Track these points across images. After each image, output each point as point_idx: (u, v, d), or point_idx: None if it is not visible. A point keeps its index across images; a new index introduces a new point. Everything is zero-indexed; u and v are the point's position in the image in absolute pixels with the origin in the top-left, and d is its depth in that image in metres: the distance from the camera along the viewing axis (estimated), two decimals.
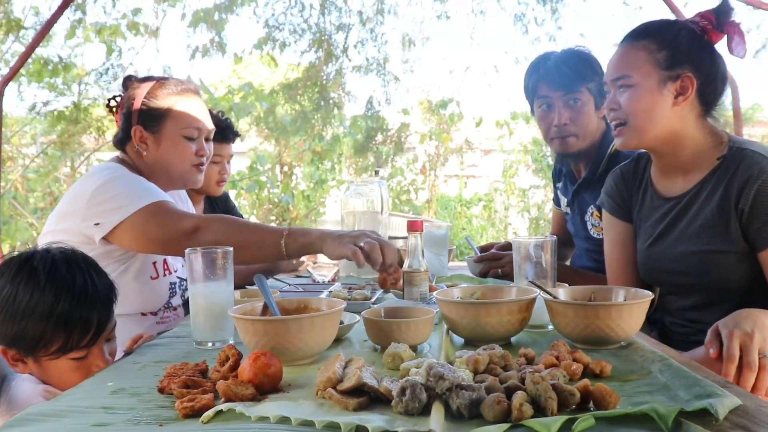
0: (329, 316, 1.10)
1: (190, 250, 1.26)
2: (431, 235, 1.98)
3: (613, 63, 1.55)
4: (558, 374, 0.91)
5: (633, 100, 1.49)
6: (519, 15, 5.97)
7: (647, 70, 1.48)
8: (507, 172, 7.58)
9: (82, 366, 1.26)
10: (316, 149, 6.89)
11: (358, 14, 6.09)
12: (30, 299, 1.21)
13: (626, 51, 1.52)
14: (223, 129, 2.52)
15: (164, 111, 1.74)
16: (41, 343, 1.22)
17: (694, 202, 1.51)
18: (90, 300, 1.25)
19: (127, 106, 1.76)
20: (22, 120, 6.20)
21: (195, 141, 1.79)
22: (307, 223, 6.68)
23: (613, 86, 1.54)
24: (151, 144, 1.76)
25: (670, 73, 1.47)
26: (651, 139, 1.51)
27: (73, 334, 1.23)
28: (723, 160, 1.47)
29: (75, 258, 1.30)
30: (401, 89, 6.46)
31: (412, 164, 7.53)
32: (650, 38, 1.50)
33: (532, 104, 2.14)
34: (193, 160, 1.79)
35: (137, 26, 5.67)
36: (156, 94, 1.75)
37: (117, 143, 1.83)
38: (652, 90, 1.47)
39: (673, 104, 1.48)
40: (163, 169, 1.79)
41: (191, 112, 1.77)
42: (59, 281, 1.24)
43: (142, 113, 1.74)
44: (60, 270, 1.25)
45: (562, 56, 2.05)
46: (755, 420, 0.78)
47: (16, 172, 6.34)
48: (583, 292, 1.28)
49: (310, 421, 0.80)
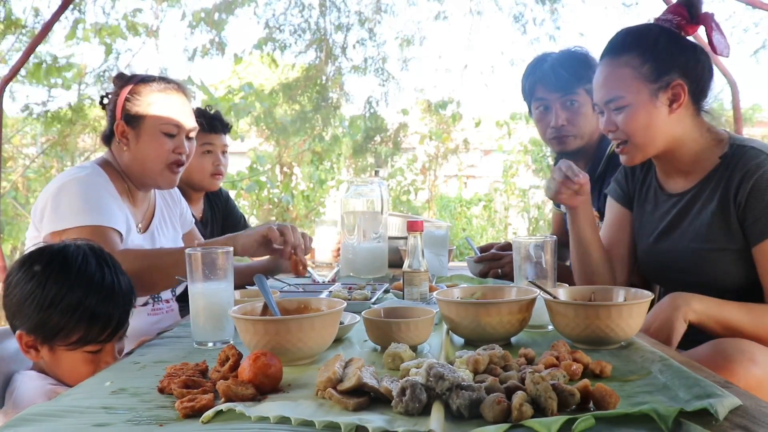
0: (329, 316, 1.10)
1: (190, 250, 1.27)
2: (431, 235, 1.98)
3: (600, 85, 1.54)
4: (558, 374, 0.91)
5: (630, 120, 1.48)
6: (517, 15, 5.97)
7: (636, 87, 1.47)
8: (507, 173, 7.58)
9: (94, 360, 1.30)
10: (316, 149, 6.88)
11: (356, 14, 6.09)
12: (59, 290, 1.25)
13: (611, 71, 1.51)
14: (211, 119, 2.53)
15: (145, 107, 1.75)
16: (62, 333, 1.26)
17: (698, 200, 1.52)
18: (115, 298, 1.30)
19: (113, 102, 1.78)
20: (22, 120, 6.20)
21: (174, 138, 1.78)
22: (307, 223, 6.68)
23: (606, 108, 1.53)
24: (131, 139, 1.76)
25: (660, 84, 1.47)
26: (655, 151, 1.52)
27: (94, 328, 1.27)
28: (724, 158, 1.48)
29: (103, 256, 1.35)
30: (400, 89, 6.45)
31: (411, 164, 7.53)
32: (630, 52, 1.49)
33: (530, 106, 2.14)
34: (169, 158, 1.77)
35: (137, 27, 5.66)
36: (139, 91, 1.76)
37: (103, 139, 1.85)
38: (646, 105, 1.47)
39: (669, 113, 1.48)
40: (139, 166, 1.78)
41: (171, 109, 1.78)
42: (89, 277, 1.28)
43: (125, 109, 1.75)
44: (91, 266, 1.30)
45: (558, 58, 2.05)
46: (755, 420, 0.78)
47: (17, 173, 6.34)
48: (583, 292, 1.28)
49: (310, 421, 0.80)
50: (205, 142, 2.51)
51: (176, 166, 1.80)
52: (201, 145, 2.51)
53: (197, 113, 2.54)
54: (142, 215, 1.87)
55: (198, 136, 2.52)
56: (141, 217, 1.87)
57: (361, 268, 2.03)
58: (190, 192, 2.54)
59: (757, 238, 1.42)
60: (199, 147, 2.51)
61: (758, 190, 1.40)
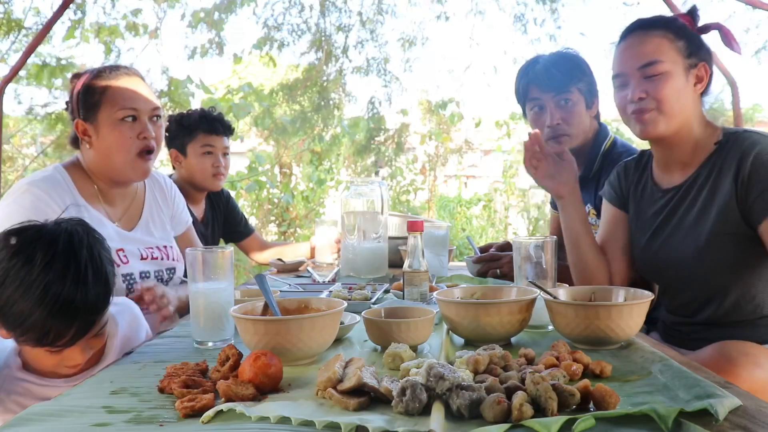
0: (329, 317, 1.10)
1: (190, 250, 1.27)
2: (431, 235, 1.98)
3: (633, 52, 1.50)
4: (558, 374, 0.91)
5: (666, 86, 1.46)
6: (518, 15, 5.97)
7: (674, 56, 1.47)
8: (507, 173, 7.58)
9: (56, 355, 1.19)
10: (315, 149, 6.89)
11: (358, 15, 6.09)
12: (13, 293, 1.12)
13: (646, 38, 1.49)
14: (212, 121, 2.54)
15: (98, 97, 1.67)
16: (16, 331, 1.15)
17: (691, 191, 1.52)
18: (71, 312, 1.14)
19: (71, 102, 1.72)
20: (23, 120, 6.20)
21: (135, 123, 1.68)
22: (307, 223, 6.68)
23: (637, 75, 1.49)
24: (92, 135, 1.68)
25: (691, 62, 1.49)
26: (676, 125, 1.50)
27: (46, 337, 1.14)
28: (719, 144, 1.49)
29: (78, 258, 1.16)
30: (401, 90, 6.45)
31: (411, 164, 7.53)
32: (664, 28, 1.49)
33: (524, 108, 2.16)
34: (136, 145, 1.68)
35: (136, 27, 5.66)
36: (91, 83, 1.68)
37: (72, 143, 1.77)
38: (681, 76, 1.48)
39: (693, 92, 1.50)
40: (106, 161, 1.70)
41: (124, 93, 1.68)
42: (45, 287, 1.11)
43: (80, 106, 1.68)
44: (53, 272, 1.13)
45: (550, 59, 2.08)
46: (755, 420, 0.78)
47: (16, 173, 6.34)
48: (583, 292, 1.28)
49: (310, 421, 0.80)
50: (206, 143, 2.52)
51: (146, 152, 1.70)
52: (202, 146, 2.52)
53: (200, 113, 2.56)
54: (123, 213, 1.80)
55: (199, 137, 2.54)
56: (121, 214, 1.80)
57: (361, 268, 2.03)
58: (192, 192, 2.54)
59: (763, 212, 1.38)
60: (199, 148, 2.52)
61: (761, 164, 1.39)
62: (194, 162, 2.53)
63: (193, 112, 2.58)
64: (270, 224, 6.75)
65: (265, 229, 6.65)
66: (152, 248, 1.80)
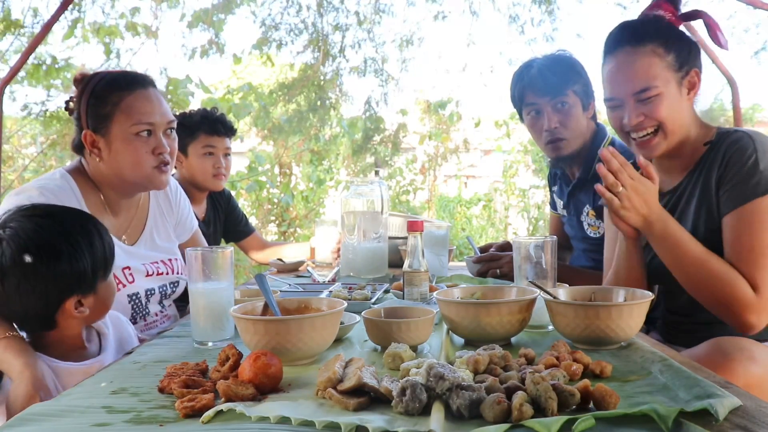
0: (329, 317, 1.10)
1: (190, 250, 1.27)
2: (431, 235, 1.98)
3: (625, 75, 1.48)
4: (558, 374, 0.91)
5: (663, 109, 1.46)
6: (514, 16, 5.97)
7: (666, 76, 1.47)
8: (507, 173, 7.58)
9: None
10: (315, 149, 6.89)
11: (355, 14, 6.09)
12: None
13: (637, 59, 1.47)
14: (214, 122, 2.54)
15: (110, 108, 1.57)
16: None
17: (685, 192, 1.53)
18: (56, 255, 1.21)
19: (77, 108, 1.62)
20: (22, 120, 6.20)
21: (150, 138, 1.60)
22: (307, 223, 6.67)
23: (631, 100, 1.48)
24: (103, 149, 1.60)
25: (682, 73, 1.49)
26: (678, 140, 1.51)
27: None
28: (709, 144, 1.50)
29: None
30: (399, 90, 6.45)
31: (411, 164, 7.53)
32: (654, 41, 1.48)
33: (521, 113, 2.16)
34: (151, 162, 1.61)
35: (136, 27, 5.66)
36: (101, 92, 1.58)
37: (74, 149, 1.67)
38: (675, 92, 1.48)
39: (687, 101, 1.50)
40: (118, 176, 1.62)
41: (140, 107, 1.58)
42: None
43: (90, 116, 1.59)
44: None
45: (544, 62, 2.07)
46: (755, 420, 0.78)
47: (16, 172, 6.34)
48: (583, 292, 1.28)
49: (310, 421, 0.80)
50: (207, 144, 2.52)
51: (163, 165, 1.64)
52: (203, 147, 2.52)
53: (201, 114, 2.55)
54: (128, 224, 1.74)
55: (200, 137, 2.53)
56: (126, 226, 1.74)
57: (361, 268, 2.03)
58: (194, 191, 2.54)
59: (727, 207, 1.40)
60: (201, 149, 2.52)
61: (734, 161, 1.41)
62: (195, 162, 2.52)
63: (194, 112, 2.58)
64: (270, 224, 6.75)
65: (265, 229, 6.65)
66: (157, 263, 1.75)
